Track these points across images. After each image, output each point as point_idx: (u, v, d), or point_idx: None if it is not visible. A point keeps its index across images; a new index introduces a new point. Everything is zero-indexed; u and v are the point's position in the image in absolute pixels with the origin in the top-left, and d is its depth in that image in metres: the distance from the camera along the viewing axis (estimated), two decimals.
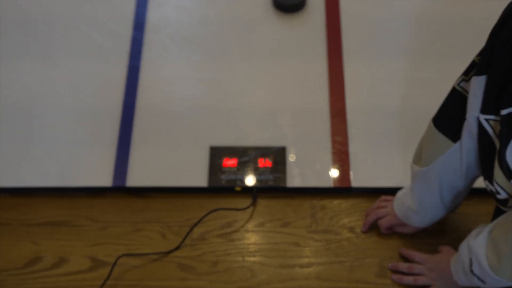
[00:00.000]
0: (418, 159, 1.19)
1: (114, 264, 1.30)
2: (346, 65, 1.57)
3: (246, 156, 1.45)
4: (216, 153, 1.46)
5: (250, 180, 1.43)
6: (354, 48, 1.61)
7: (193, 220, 1.37)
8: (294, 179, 1.43)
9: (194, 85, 1.57)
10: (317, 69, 1.58)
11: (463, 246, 1.11)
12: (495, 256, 1.01)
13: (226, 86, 1.57)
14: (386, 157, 1.45)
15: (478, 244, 1.04)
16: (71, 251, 1.35)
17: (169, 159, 1.46)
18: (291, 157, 1.46)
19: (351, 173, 1.43)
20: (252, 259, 1.34)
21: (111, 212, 1.41)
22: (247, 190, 1.43)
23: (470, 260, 1.06)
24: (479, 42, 1.00)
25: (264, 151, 1.45)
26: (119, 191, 1.44)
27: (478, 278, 1.06)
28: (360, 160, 1.45)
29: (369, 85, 1.55)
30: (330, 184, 1.42)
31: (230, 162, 1.44)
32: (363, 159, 1.45)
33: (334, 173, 1.44)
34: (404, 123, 1.49)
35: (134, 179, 1.43)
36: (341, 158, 1.45)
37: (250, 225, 1.39)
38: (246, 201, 1.42)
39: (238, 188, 1.43)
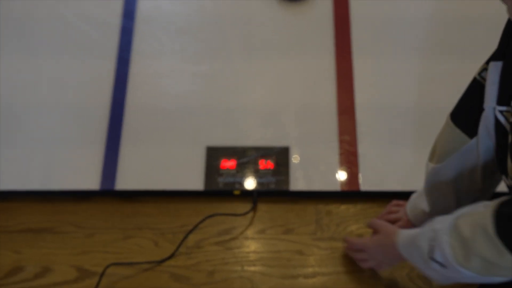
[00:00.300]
0: (433, 156, 1.17)
1: (102, 274, 1.28)
2: (356, 59, 1.55)
3: (246, 157, 1.42)
4: (213, 154, 1.42)
5: (250, 183, 1.40)
6: (364, 40, 1.59)
7: (188, 226, 1.36)
8: (298, 182, 1.40)
9: (189, 80, 1.55)
10: (323, 62, 1.55)
11: (424, 232, 1.06)
12: (462, 252, 0.98)
13: (224, 81, 1.54)
14: (398, 158, 1.42)
15: (443, 229, 1.01)
16: (55, 260, 1.33)
17: (162, 161, 1.43)
18: (294, 158, 1.43)
19: (360, 176, 1.40)
20: (252, 268, 1.31)
21: (98, 218, 1.39)
22: (247, 194, 1.39)
23: (432, 246, 1.03)
24: (493, 39, 1.00)
25: (265, 152, 1.43)
26: (108, 195, 1.41)
27: (441, 264, 1.02)
28: (370, 161, 1.42)
29: (380, 80, 1.53)
30: (337, 188, 1.40)
31: (228, 164, 1.41)
32: (373, 161, 1.42)
33: (342, 175, 1.41)
34: (417, 122, 1.47)
35: (123, 182, 1.40)
36: (349, 159, 1.42)
37: (249, 232, 1.36)
38: (245, 206, 1.39)
39: (237, 192, 1.40)
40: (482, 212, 0.96)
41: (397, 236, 1.13)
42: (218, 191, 1.39)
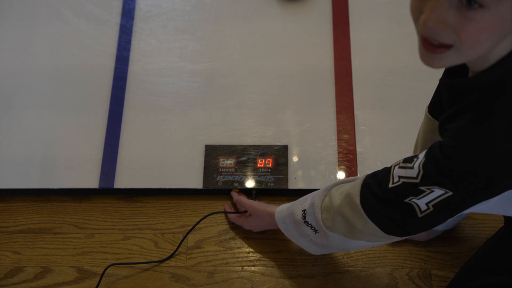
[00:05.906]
0: (416, 147, 1.18)
1: (103, 274, 1.28)
2: (355, 57, 1.53)
3: (245, 155, 1.40)
4: (212, 152, 1.41)
5: (249, 182, 1.38)
6: (363, 40, 1.56)
7: (188, 227, 1.35)
8: (297, 181, 1.38)
9: (188, 78, 1.52)
10: (323, 61, 1.53)
11: (300, 199, 1.14)
12: (329, 215, 1.04)
13: (222, 79, 1.52)
14: (398, 157, 1.36)
15: (317, 195, 1.09)
16: (55, 260, 1.32)
17: (161, 159, 1.42)
18: (293, 157, 1.41)
19: (359, 175, 1.34)
20: (252, 268, 1.31)
21: (98, 218, 1.38)
22: (246, 192, 1.37)
23: (305, 211, 1.10)
24: None
25: (264, 150, 1.41)
26: (107, 193, 1.40)
27: (313, 228, 1.09)
28: (369, 160, 1.41)
29: (379, 78, 1.51)
30: None
31: (227, 162, 1.39)
32: (372, 160, 1.41)
33: (341, 175, 1.39)
34: (418, 120, 1.42)
35: (122, 181, 1.39)
36: (348, 158, 1.40)
37: (249, 232, 1.34)
38: None
39: (235, 191, 1.38)
40: (355, 182, 1.01)
41: (278, 207, 1.21)
42: (217, 189, 1.36)
